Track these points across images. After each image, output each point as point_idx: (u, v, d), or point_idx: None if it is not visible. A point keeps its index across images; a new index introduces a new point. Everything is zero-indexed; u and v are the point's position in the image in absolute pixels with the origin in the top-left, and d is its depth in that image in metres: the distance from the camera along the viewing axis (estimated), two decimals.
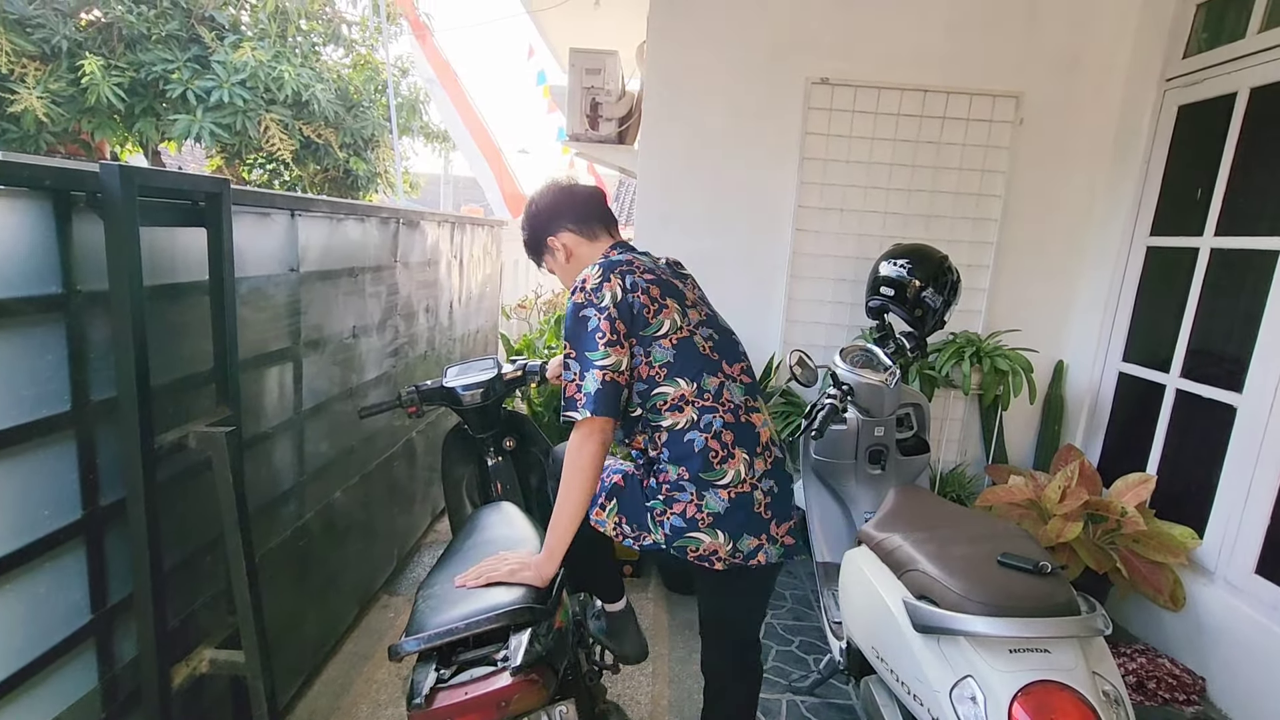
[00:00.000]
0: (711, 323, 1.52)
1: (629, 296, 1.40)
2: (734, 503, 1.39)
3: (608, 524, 1.50)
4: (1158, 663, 2.40)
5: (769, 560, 1.42)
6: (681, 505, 1.40)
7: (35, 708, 1.22)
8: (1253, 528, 2.29)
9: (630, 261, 1.47)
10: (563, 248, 1.58)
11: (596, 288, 1.40)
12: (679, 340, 1.43)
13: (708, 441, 1.40)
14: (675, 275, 1.56)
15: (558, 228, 1.58)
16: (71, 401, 1.24)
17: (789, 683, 2.33)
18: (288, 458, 2.02)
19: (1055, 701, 1.17)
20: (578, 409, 1.34)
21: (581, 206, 1.60)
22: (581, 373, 1.35)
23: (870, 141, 3.08)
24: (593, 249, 1.58)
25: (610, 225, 1.61)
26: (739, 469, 1.40)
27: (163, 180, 1.35)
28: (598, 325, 1.37)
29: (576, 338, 1.38)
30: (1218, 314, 2.59)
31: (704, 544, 1.39)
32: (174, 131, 5.96)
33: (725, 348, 1.51)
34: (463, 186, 15.86)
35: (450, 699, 1.11)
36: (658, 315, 1.42)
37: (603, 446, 1.36)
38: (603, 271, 1.42)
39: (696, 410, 1.41)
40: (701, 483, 1.39)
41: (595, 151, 3.76)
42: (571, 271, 1.58)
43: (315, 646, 2.28)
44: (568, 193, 1.62)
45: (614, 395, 1.35)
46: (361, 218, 2.43)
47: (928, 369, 2.93)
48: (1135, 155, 2.91)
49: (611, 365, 1.35)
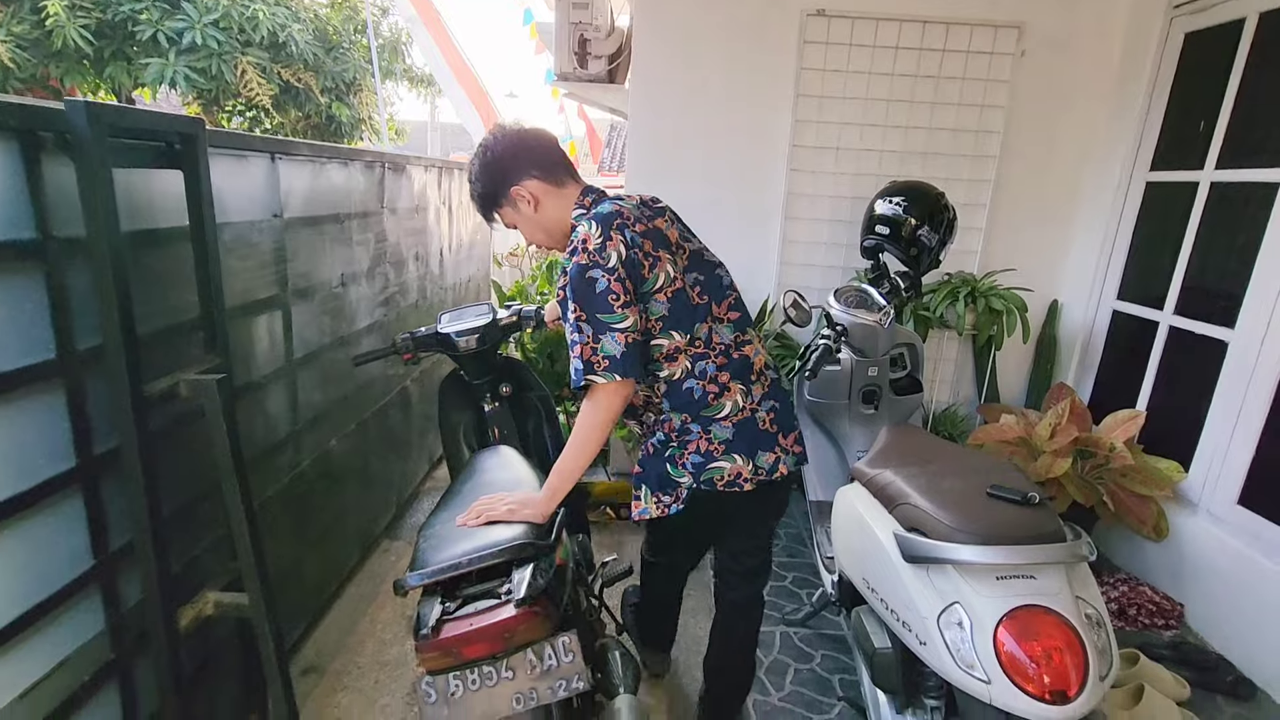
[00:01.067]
0: (696, 263, 1.51)
1: (631, 253, 1.37)
2: (739, 427, 1.45)
3: (652, 510, 1.50)
4: (1139, 590, 2.48)
5: (788, 470, 1.50)
6: (694, 443, 1.45)
7: (46, 649, 1.24)
8: (1238, 460, 2.33)
9: (621, 213, 1.41)
10: (530, 197, 1.49)
11: (600, 247, 1.35)
12: (673, 293, 1.42)
13: (704, 387, 1.44)
14: (656, 215, 1.52)
15: (522, 175, 1.49)
16: (57, 349, 1.22)
17: (782, 616, 2.40)
18: (281, 406, 2.02)
19: (1039, 624, 1.21)
20: (599, 373, 1.32)
21: (544, 151, 1.51)
22: (596, 335, 1.33)
23: (867, 76, 2.99)
24: (561, 198, 1.51)
25: (572, 170, 1.55)
26: (736, 399, 1.45)
27: (134, 119, 1.30)
28: (608, 287, 1.33)
29: (586, 301, 1.34)
30: (1214, 250, 2.58)
31: (727, 470, 1.44)
32: (146, 76, 5.75)
33: (712, 287, 1.50)
34: (451, 134, 15.47)
35: (456, 630, 1.13)
36: (653, 270, 1.40)
37: (623, 404, 1.38)
38: (602, 229, 1.37)
39: (690, 359, 1.44)
40: (704, 420, 1.45)
41: (584, 91, 3.65)
42: (539, 223, 1.52)
43: (319, 589, 2.33)
44: (526, 136, 1.52)
45: (638, 356, 1.36)
46: (345, 162, 2.37)
47: (922, 309, 2.92)
48: (1139, 86, 2.84)
49: (631, 326, 1.34)
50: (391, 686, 2.04)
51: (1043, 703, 1.16)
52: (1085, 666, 1.17)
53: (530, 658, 1.18)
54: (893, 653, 1.49)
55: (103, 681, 1.37)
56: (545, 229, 1.54)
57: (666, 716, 1.96)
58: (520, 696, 1.17)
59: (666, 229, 1.49)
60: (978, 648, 1.23)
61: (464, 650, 1.13)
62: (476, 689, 1.16)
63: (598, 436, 1.38)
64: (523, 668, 1.17)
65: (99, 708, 1.37)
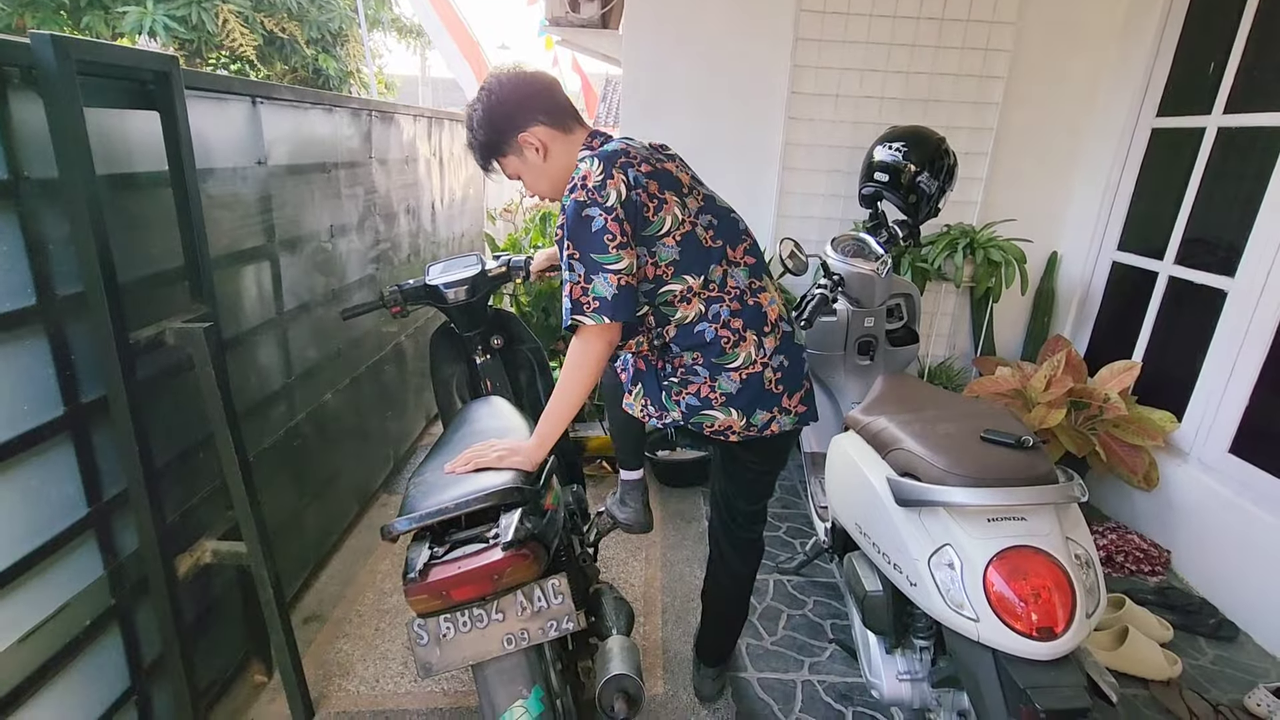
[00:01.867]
0: (710, 206, 1.46)
1: (633, 194, 1.31)
2: (745, 383, 1.43)
3: (635, 406, 1.54)
4: (1127, 538, 2.52)
5: (782, 429, 1.48)
6: (696, 386, 1.43)
7: (46, 592, 1.26)
8: (1231, 409, 2.34)
9: (627, 151, 1.36)
10: (539, 144, 1.40)
11: (600, 185, 1.29)
12: (683, 236, 1.37)
13: (718, 331, 1.41)
14: (666, 159, 1.47)
15: (529, 121, 1.40)
16: (36, 295, 1.20)
17: (776, 564, 2.44)
18: (273, 359, 2.00)
19: (1028, 564, 1.22)
20: (586, 314, 1.28)
21: (550, 96, 1.43)
22: (587, 275, 1.29)
23: (869, 19, 2.89)
24: (568, 144, 1.43)
25: (578, 114, 1.47)
26: (749, 351, 1.42)
27: (103, 54, 1.25)
28: (604, 226, 1.28)
29: (580, 239, 1.29)
30: (1217, 198, 2.54)
31: (719, 420, 1.43)
32: (124, 25, 5.57)
33: (726, 231, 1.46)
34: (442, 89, 15.08)
35: (444, 573, 1.14)
36: (658, 213, 1.35)
37: (609, 348, 1.35)
38: (604, 166, 1.31)
39: (704, 301, 1.40)
40: (715, 367, 1.42)
41: (577, 38, 3.55)
42: (546, 172, 1.44)
43: (318, 542, 2.35)
44: (532, 80, 1.43)
45: (630, 299, 1.31)
46: (329, 108, 2.30)
47: (920, 261, 2.89)
48: (1148, 26, 2.75)
49: (625, 268, 1.29)
50: (391, 633, 2.07)
51: (1029, 639, 1.18)
52: (1073, 604, 1.19)
53: (520, 600, 1.19)
54: (884, 595, 1.51)
55: (104, 626, 1.38)
56: (551, 178, 1.46)
57: (660, 660, 2.00)
58: (511, 637, 1.18)
59: (677, 172, 1.44)
60: (967, 588, 1.24)
61: (452, 593, 1.14)
62: (467, 630, 1.17)
63: (581, 379, 1.35)
64: (513, 609, 1.19)
65: (102, 651, 1.39)
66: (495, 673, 1.20)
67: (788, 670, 1.97)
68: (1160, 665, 1.91)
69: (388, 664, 1.96)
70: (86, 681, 1.35)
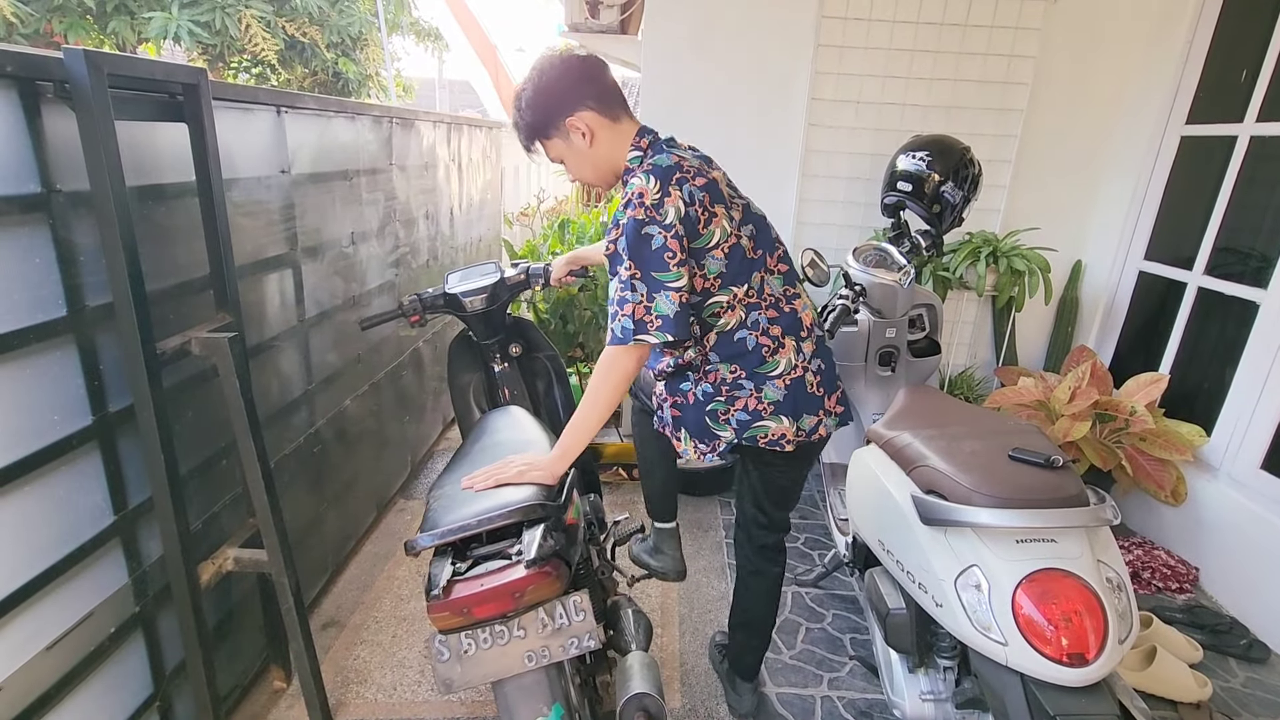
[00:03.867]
0: (748, 215, 1.45)
1: (690, 210, 1.31)
2: (790, 389, 1.44)
3: (689, 451, 1.51)
4: (1153, 554, 2.47)
5: (828, 432, 1.51)
6: (743, 400, 1.43)
7: (73, 600, 1.27)
8: (1263, 424, 2.28)
9: (681, 164, 1.35)
10: (586, 129, 1.38)
11: (658, 203, 1.29)
12: (730, 248, 1.37)
13: (758, 339, 1.42)
14: (712, 167, 1.46)
15: (577, 105, 1.37)
16: (67, 306, 1.21)
17: (794, 576, 2.42)
18: (294, 366, 2.02)
19: (1058, 587, 1.20)
20: (651, 333, 1.29)
21: (601, 81, 1.41)
22: (650, 294, 1.29)
23: (891, 25, 2.86)
24: (616, 133, 1.41)
25: (626, 105, 1.45)
26: (790, 356, 1.44)
27: (134, 68, 1.26)
28: (664, 244, 1.28)
29: (641, 257, 1.29)
30: (1249, 208, 2.48)
31: (771, 430, 1.44)
32: (150, 31, 5.65)
33: (763, 239, 1.46)
34: (459, 91, 15.16)
35: (467, 590, 1.14)
36: (708, 225, 1.35)
37: (640, 365, 1.36)
38: (660, 183, 1.30)
39: (744, 309, 1.41)
40: (758, 377, 1.43)
41: (595, 43, 3.54)
42: (590, 159, 1.43)
43: (337, 547, 2.36)
44: (586, 64, 1.40)
45: (687, 316, 1.33)
46: (352, 115, 2.32)
47: (942, 270, 2.86)
48: (1178, 32, 2.70)
49: (685, 285, 1.31)
50: (409, 640, 2.08)
51: (1060, 665, 1.16)
52: (1105, 630, 1.16)
53: (542, 617, 1.18)
54: (907, 614, 1.49)
55: (128, 633, 1.39)
56: (595, 165, 1.44)
57: (678, 673, 1.99)
58: (532, 654, 1.18)
59: (722, 182, 1.43)
60: (995, 610, 1.22)
61: (475, 610, 1.14)
62: (489, 647, 1.17)
63: (614, 395, 1.36)
64: (534, 626, 1.18)
65: (126, 658, 1.40)
66: (516, 689, 1.19)
67: (807, 685, 1.95)
68: (1189, 687, 1.87)
69: (405, 672, 1.96)
70: (110, 688, 1.37)
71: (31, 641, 1.18)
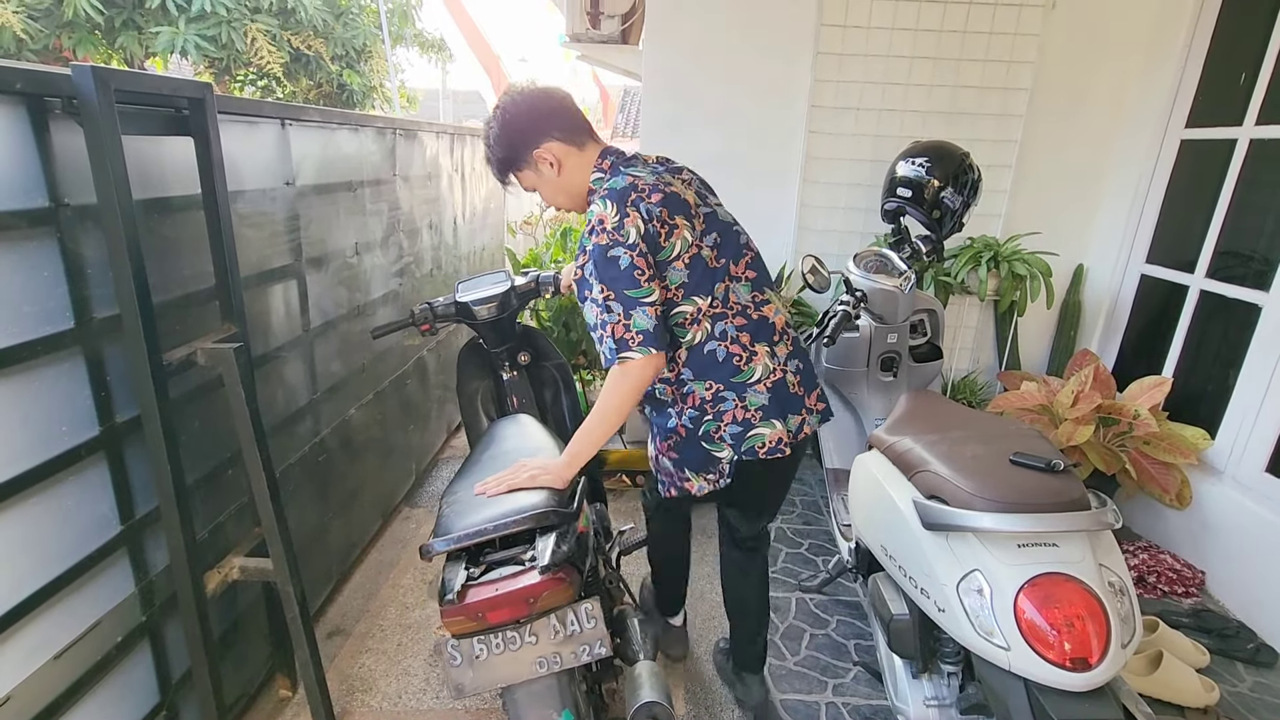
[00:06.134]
0: (712, 224, 1.48)
1: (649, 227, 1.35)
2: (772, 391, 1.45)
3: (706, 488, 1.53)
4: (1159, 558, 2.46)
5: (812, 430, 1.53)
6: (730, 413, 1.44)
7: (80, 610, 1.28)
8: (1267, 427, 2.28)
9: (635, 185, 1.39)
10: (553, 159, 1.45)
11: (618, 225, 1.33)
12: (691, 259, 1.40)
13: (728, 349, 1.43)
14: (673, 176, 1.49)
15: (543, 137, 1.44)
16: (75, 318, 1.23)
17: (798, 582, 2.41)
18: (299, 376, 2.03)
19: (1061, 592, 1.20)
20: (634, 349, 1.32)
21: (564, 112, 1.47)
22: (626, 311, 1.32)
23: (890, 32, 2.88)
24: (582, 159, 1.48)
25: (591, 130, 1.51)
26: (765, 363, 1.45)
27: (140, 84, 1.28)
28: (632, 263, 1.32)
29: (612, 279, 1.33)
30: (1250, 211, 2.49)
31: (767, 436, 1.45)
32: (157, 45, 5.71)
33: (728, 247, 1.48)
34: (462, 100, 15.27)
35: (481, 595, 1.15)
36: (669, 238, 1.38)
37: (655, 374, 1.38)
38: (617, 206, 1.35)
39: (710, 320, 1.43)
40: (737, 387, 1.44)
41: (597, 53, 3.57)
42: (561, 186, 1.49)
43: (342, 555, 2.37)
44: (546, 97, 1.47)
45: (663, 328, 1.36)
46: (355, 127, 2.34)
47: (943, 275, 2.86)
48: (1176, 37, 2.71)
49: (656, 299, 1.34)
50: (414, 649, 2.08)
51: (1063, 669, 1.16)
52: (1107, 634, 1.16)
53: (554, 623, 1.19)
54: (910, 619, 1.49)
55: (134, 642, 1.40)
56: (567, 192, 1.51)
57: (683, 681, 1.99)
58: (543, 660, 1.18)
59: (683, 191, 1.45)
60: (997, 615, 1.22)
61: (488, 615, 1.15)
62: (500, 652, 1.17)
63: (625, 407, 1.38)
64: (546, 633, 1.19)
65: (132, 667, 1.41)
66: (526, 695, 1.20)
67: (811, 692, 1.95)
68: (1196, 692, 1.86)
69: (410, 679, 1.96)
70: (117, 697, 1.38)
71: (40, 650, 1.20)
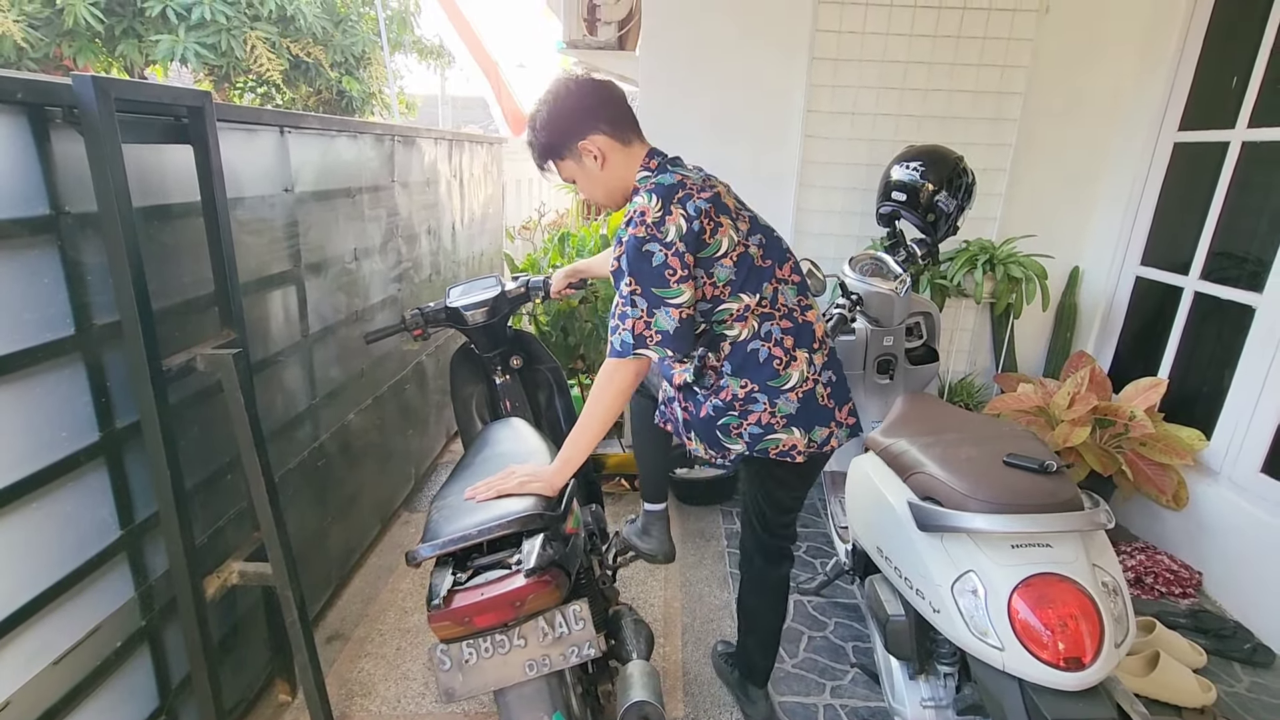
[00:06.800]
0: (755, 225, 1.48)
1: (693, 224, 1.34)
2: (802, 401, 1.45)
3: (701, 450, 1.55)
4: (1156, 559, 2.47)
5: (839, 443, 1.52)
6: (756, 415, 1.45)
7: (80, 615, 1.29)
8: (1262, 428, 2.29)
9: (684, 183, 1.38)
10: (598, 153, 1.41)
11: (659, 221, 1.32)
12: (738, 256, 1.40)
13: (770, 350, 1.43)
14: (716, 182, 1.49)
15: (589, 129, 1.40)
16: (75, 325, 1.24)
17: (796, 585, 2.42)
18: (298, 381, 2.04)
19: (1054, 592, 1.20)
20: (650, 347, 1.32)
21: (616, 105, 1.43)
22: (650, 310, 1.32)
23: (885, 38, 2.90)
24: (627, 156, 1.44)
25: (639, 129, 1.48)
26: (802, 369, 1.45)
27: (140, 92, 1.29)
28: (665, 261, 1.31)
29: (641, 274, 1.32)
30: (1243, 213, 2.50)
31: (783, 441, 1.46)
32: (157, 53, 5.73)
33: (773, 249, 1.48)
34: (461, 106, 15.30)
35: (467, 599, 1.15)
36: (715, 235, 1.37)
37: (639, 379, 1.39)
38: (662, 202, 1.33)
39: (757, 319, 1.43)
40: (771, 390, 1.44)
41: (594, 59, 3.59)
42: (602, 181, 1.46)
43: (341, 560, 2.38)
44: (599, 88, 1.43)
45: (689, 332, 1.36)
46: (354, 134, 2.36)
47: (939, 278, 2.88)
48: (1169, 41, 2.73)
49: (686, 301, 1.33)
50: (413, 653, 2.09)
51: (1056, 669, 1.16)
52: (1101, 634, 1.17)
53: (542, 626, 1.20)
54: (906, 620, 1.50)
55: (134, 647, 1.41)
56: (606, 187, 1.48)
57: (681, 683, 1.99)
58: (532, 663, 1.19)
59: (725, 196, 1.46)
60: (991, 615, 1.23)
61: (475, 619, 1.15)
62: (490, 656, 1.18)
63: (614, 407, 1.38)
64: (534, 635, 1.19)
65: (132, 672, 1.42)
66: (517, 698, 1.21)
67: (809, 694, 1.95)
68: (1193, 692, 1.87)
69: (409, 684, 1.97)
70: (117, 702, 1.38)
71: (39, 656, 1.20)
